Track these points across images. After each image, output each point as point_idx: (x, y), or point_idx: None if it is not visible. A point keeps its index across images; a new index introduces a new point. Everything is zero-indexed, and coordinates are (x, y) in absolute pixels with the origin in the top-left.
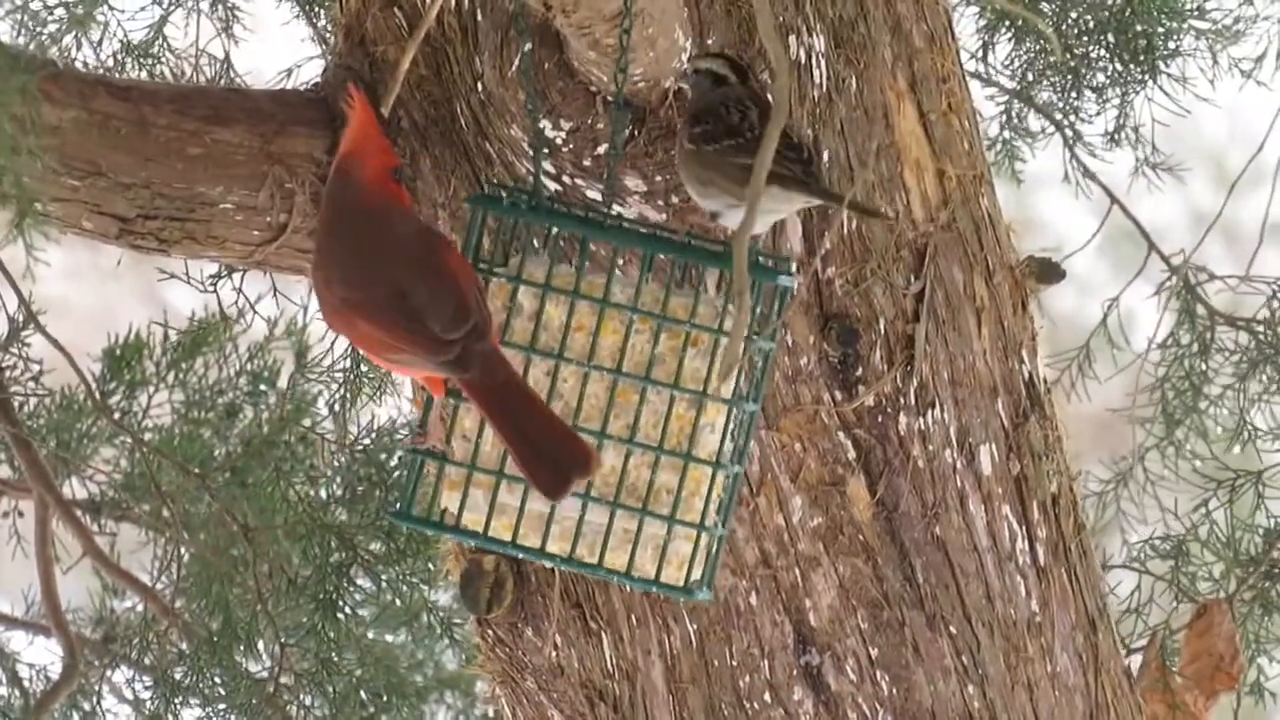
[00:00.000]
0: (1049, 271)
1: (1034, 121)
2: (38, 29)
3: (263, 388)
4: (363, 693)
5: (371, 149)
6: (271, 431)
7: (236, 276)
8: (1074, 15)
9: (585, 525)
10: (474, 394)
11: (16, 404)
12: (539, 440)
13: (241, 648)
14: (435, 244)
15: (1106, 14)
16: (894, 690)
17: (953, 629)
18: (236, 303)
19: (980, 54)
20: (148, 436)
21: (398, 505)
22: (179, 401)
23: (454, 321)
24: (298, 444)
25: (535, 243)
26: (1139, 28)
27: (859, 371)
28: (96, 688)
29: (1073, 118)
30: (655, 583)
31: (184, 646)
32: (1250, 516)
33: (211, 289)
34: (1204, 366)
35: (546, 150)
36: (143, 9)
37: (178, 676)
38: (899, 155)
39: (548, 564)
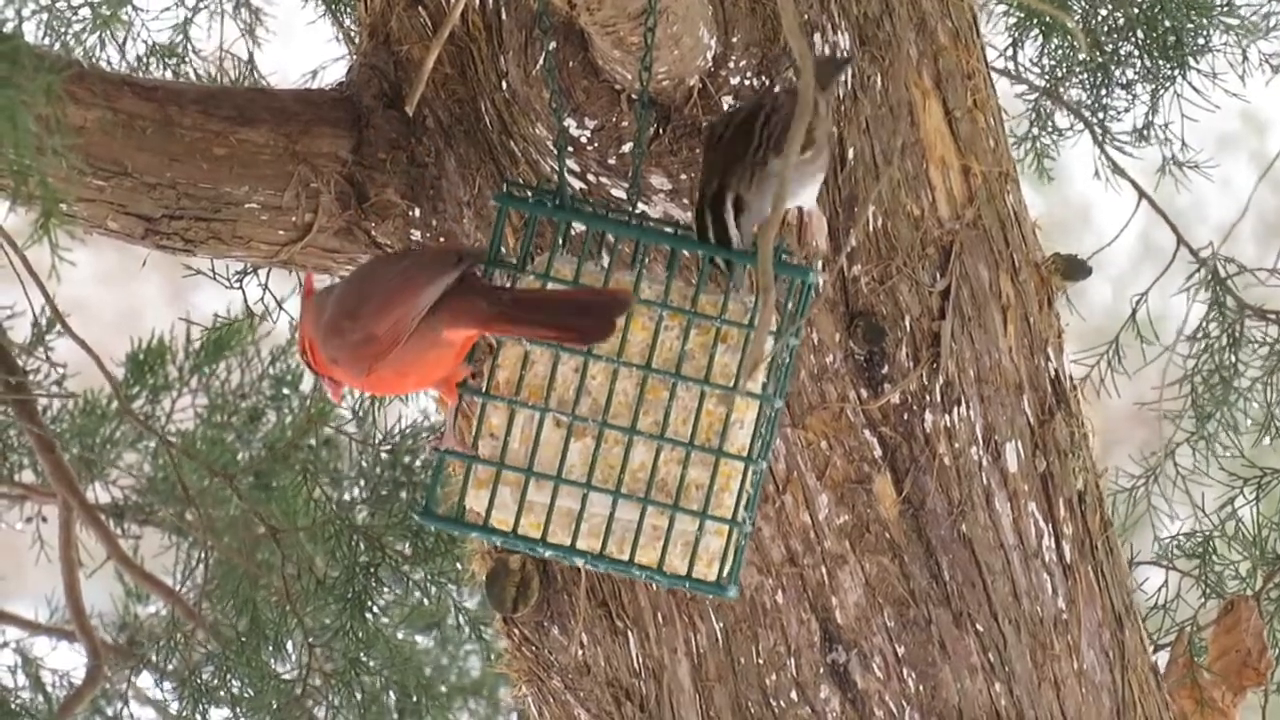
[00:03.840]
0: (1075, 268)
1: (1062, 118)
2: (63, 29)
3: (285, 391)
4: (391, 694)
5: None
6: (295, 435)
7: (262, 273)
8: (1103, 12)
9: (615, 522)
10: (496, 322)
11: (41, 407)
12: (572, 317)
13: (270, 649)
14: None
15: (1135, 10)
16: (921, 688)
17: (979, 626)
18: (262, 299)
19: (1009, 51)
20: (171, 440)
21: (424, 505)
22: (202, 406)
23: (451, 256)
24: (322, 447)
25: (560, 241)
26: (1168, 24)
27: (885, 369)
28: (121, 691)
29: (1102, 114)
30: (687, 579)
31: (210, 648)
32: (1277, 514)
33: (237, 285)
34: (1234, 360)
35: (571, 149)
36: (167, 9)
37: (204, 678)
38: (924, 152)
39: (578, 562)
